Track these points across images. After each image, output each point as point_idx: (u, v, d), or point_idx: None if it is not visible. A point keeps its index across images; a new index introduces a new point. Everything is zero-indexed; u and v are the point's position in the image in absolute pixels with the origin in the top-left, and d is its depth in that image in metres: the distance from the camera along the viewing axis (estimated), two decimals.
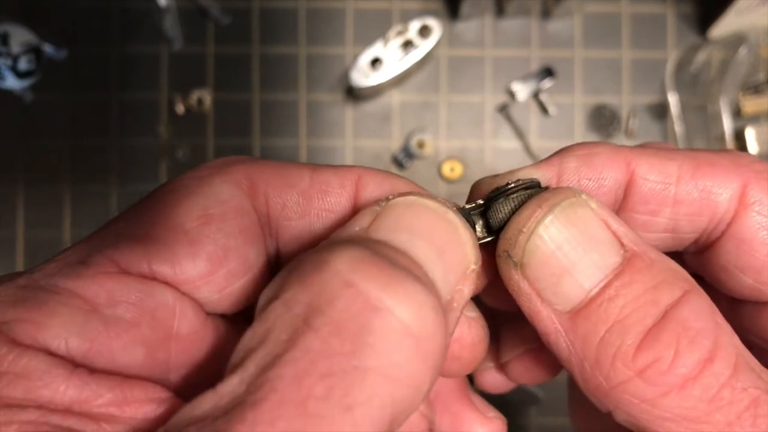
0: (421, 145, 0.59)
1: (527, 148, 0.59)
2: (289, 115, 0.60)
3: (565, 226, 0.17)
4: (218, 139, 0.59)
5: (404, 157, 0.59)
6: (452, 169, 0.59)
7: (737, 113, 0.58)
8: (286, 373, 0.14)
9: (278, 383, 0.14)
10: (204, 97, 0.59)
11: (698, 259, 0.21)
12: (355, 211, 0.19)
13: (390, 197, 0.18)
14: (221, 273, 0.18)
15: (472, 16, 0.59)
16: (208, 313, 0.19)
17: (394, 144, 0.60)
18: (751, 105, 0.58)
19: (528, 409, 0.60)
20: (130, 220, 0.19)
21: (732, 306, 0.22)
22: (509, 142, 0.60)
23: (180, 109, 0.58)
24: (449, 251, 0.17)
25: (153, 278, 0.18)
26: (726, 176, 0.20)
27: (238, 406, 0.14)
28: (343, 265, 0.15)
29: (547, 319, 0.17)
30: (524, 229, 0.18)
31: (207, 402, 0.14)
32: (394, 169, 0.60)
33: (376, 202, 0.18)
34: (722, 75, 0.57)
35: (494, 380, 0.25)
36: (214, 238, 0.18)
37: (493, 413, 0.23)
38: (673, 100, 0.59)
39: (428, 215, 0.17)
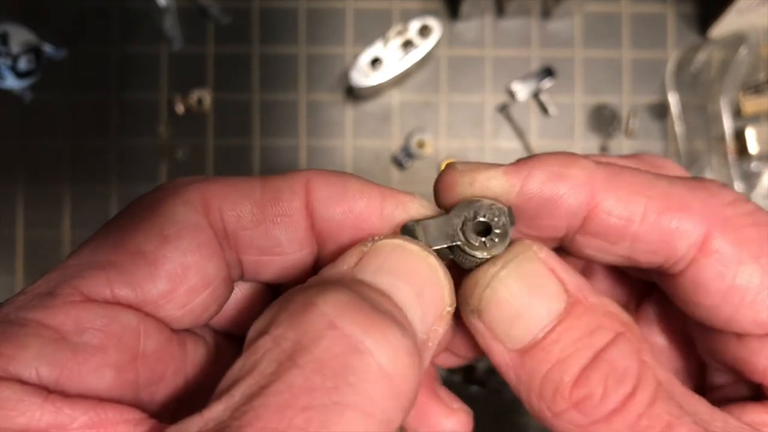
0: (421, 144, 0.59)
1: (527, 148, 0.59)
2: (289, 115, 0.60)
3: (516, 280, 0.20)
4: (218, 139, 0.59)
5: (404, 157, 0.59)
6: None
7: (737, 113, 0.58)
8: (271, 403, 0.15)
9: (262, 412, 0.15)
10: (204, 97, 0.59)
11: (658, 277, 0.22)
12: (309, 211, 0.21)
13: (376, 238, 0.20)
14: (182, 290, 0.20)
15: (472, 16, 0.59)
16: (173, 330, 0.20)
17: (394, 144, 0.60)
18: (751, 105, 0.58)
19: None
20: (94, 247, 0.20)
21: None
22: (509, 142, 0.60)
23: (180, 109, 0.58)
24: (428, 293, 0.19)
25: (117, 302, 0.19)
26: (692, 221, 0.20)
27: (223, 431, 0.15)
28: (329, 308, 0.17)
29: (499, 355, 0.20)
30: (480, 282, 0.20)
31: (193, 426, 0.15)
32: (394, 170, 0.60)
33: (363, 242, 0.20)
34: (722, 75, 0.57)
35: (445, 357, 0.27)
36: (171, 257, 0.19)
37: (458, 405, 0.24)
38: (673, 99, 0.59)
39: (411, 258, 0.20)
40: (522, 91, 0.59)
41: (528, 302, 0.20)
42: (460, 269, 0.21)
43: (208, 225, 0.20)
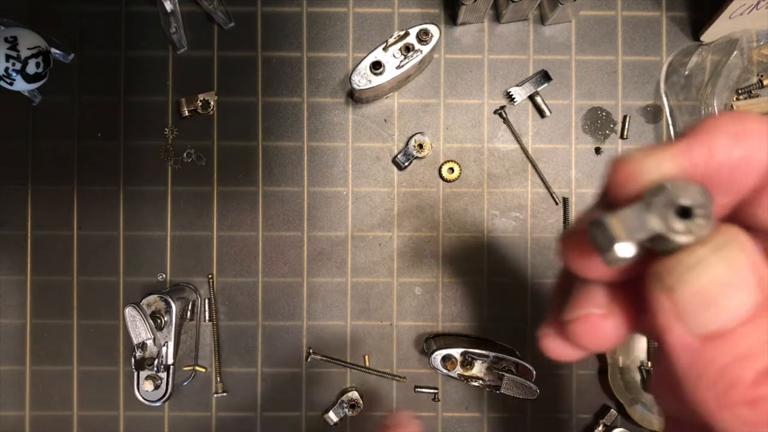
0: (420, 146, 0.60)
1: (524, 150, 0.61)
2: (291, 117, 0.61)
3: (723, 267, 0.19)
4: (222, 141, 0.61)
5: (404, 159, 0.60)
6: (451, 170, 0.60)
7: None
8: None
9: None
10: (209, 100, 0.60)
11: None
12: None
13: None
14: None
15: (470, 22, 0.60)
16: None
17: (394, 146, 0.61)
18: (743, 108, 0.59)
19: (525, 405, 0.61)
20: None
21: None
22: (506, 144, 0.61)
23: (185, 111, 0.60)
24: None
25: None
26: None
27: None
28: None
29: (678, 336, 0.19)
30: (684, 262, 0.19)
31: None
32: (393, 170, 0.61)
33: None
34: (715, 78, 0.58)
35: (555, 345, 0.26)
36: None
37: None
38: (666, 102, 0.60)
39: None
40: (519, 94, 0.60)
41: (726, 291, 0.18)
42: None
43: None
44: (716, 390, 0.18)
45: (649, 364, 0.59)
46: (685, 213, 0.19)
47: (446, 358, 0.56)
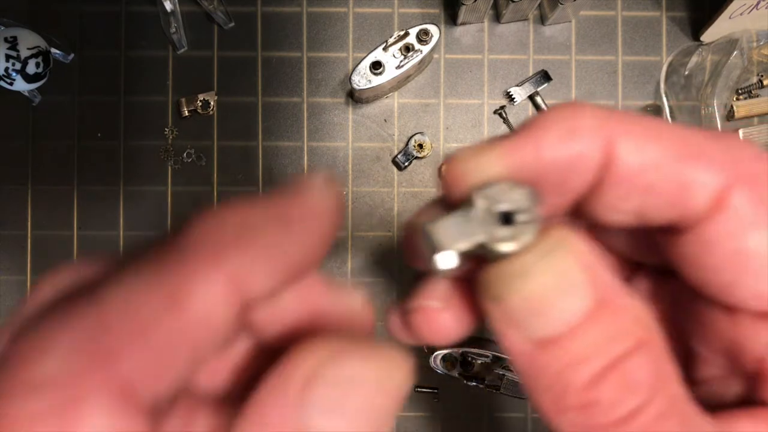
0: (420, 147, 0.60)
1: None
2: (291, 118, 0.61)
3: (549, 276, 0.18)
4: (222, 141, 0.61)
5: (404, 159, 0.60)
6: None
7: (730, 116, 0.59)
8: None
9: None
10: (209, 100, 0.60)
11: (665, 238, 0.21)
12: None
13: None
14: None
15: (470, 22, 0.60)
16: None
17: (394, 146, 0.61)
18: (743, 108, 0.59)
19: (525, 405, 0.61)
20: None
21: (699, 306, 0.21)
22: None
23: (185, 111, 0.60)
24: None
25: None
26: (713, 170, 0.18)
27: None
28: None
29: (513, 343, 0.19)
30: (508, 273, 0.18)
31: None
32: (393, 170, 0.61)
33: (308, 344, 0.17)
34: (715, 78, 0.58)
35: (396, 329, 0.24)
36: None
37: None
38: (666, 102, 0.60)
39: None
40: (519, 94, 0.60)
41: (555, 299, 0.18)
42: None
43: None
44: (552, 394, 0.18)
45: None
46: (508, 219, 0.18)
47: (446, 358, 0.56)
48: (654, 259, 0.22)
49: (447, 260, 0.18)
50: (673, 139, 0.18)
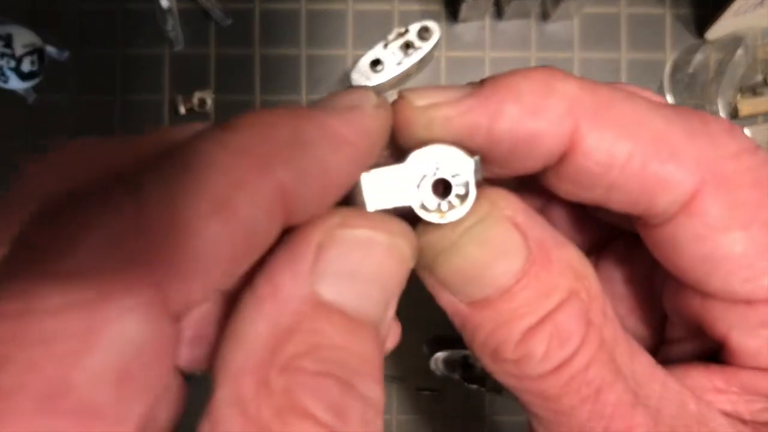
0: None
1: None
2: None
3: (476, 246, 0.18)
4: None
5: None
6: None
7: (734, 114, 0.59)
8: None
9: None
10: (206, 98, 0.59)
11: (630, 222, 0.20)
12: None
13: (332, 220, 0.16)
14: None
15: (471, 19, 0.59)
16: None
17: None
18: (748, 106, 0.58)
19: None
20: None
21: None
22: None
23: (182, 110, 0.59)
24: (396, 293, 0.17)
25: None
26: (682, 173, 0.17)
27: None
28: None
29: (448, 303, 0.19)
30: (436, 246, 0.18)
31: None
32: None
33: (315, 224, 0.16)
34: (719, 76, 0.57)
35: None
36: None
37: None
38: (670, 100, 0.60)
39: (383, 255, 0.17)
40: None
41: (484, 266, 0.18)
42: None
43: None
44: (488, 349, 0.19)
45: None
46: (444, 187, 0.18)
47: (447, 360, 0.55)
48: (630, 228, 0.22)
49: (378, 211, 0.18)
50: (646, 135, 0.17)
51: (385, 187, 0.18)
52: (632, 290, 0.24)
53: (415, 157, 0.18)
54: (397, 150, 0.19)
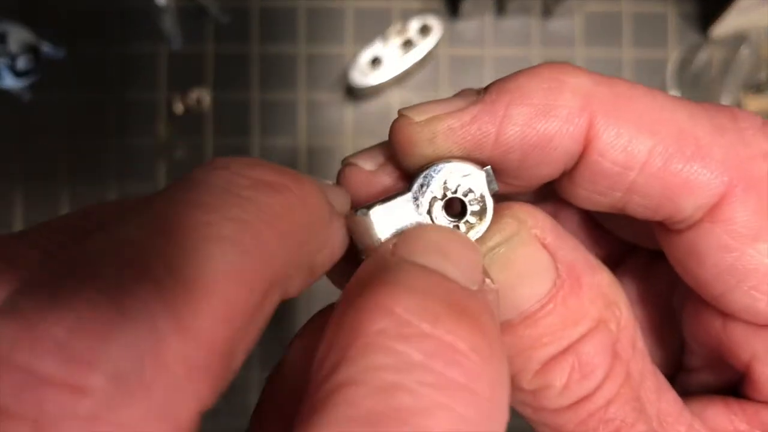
0: None
1: None
2: (288, 115, 0.59)
3: (502, 269, 0.17)
4: (217, 139, 0.59)
5: None
6: None
7: None
8: None
9: None
10: (203, 96, 0.58)
11: (656, 228, 0.19)
12: None
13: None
14: None
15: (472, 15, 0.59)
16: None
17: None
18: (752, 104, 0.58)
19: None
20: None
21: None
22: None
23: (179, 108, 0.58)
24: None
25: None
26: (709, 175, 0.16)
27: None
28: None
29: None
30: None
31: None
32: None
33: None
34: (724, 74, 0.57)
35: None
36: None
37: None
38: None
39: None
40: None
41: (508, 287, 0.17)
42: None
43: None
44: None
45: None
46: (458, 207, 0.17)
47: None
48: (648, 244, 0.20)
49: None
50: (669, 130, 0.16)
51: (396, 220, 0.16)
52: (648, 312, 0.22)
53: (421, 179, 0.17)
54: (404, 174, 0.18)
